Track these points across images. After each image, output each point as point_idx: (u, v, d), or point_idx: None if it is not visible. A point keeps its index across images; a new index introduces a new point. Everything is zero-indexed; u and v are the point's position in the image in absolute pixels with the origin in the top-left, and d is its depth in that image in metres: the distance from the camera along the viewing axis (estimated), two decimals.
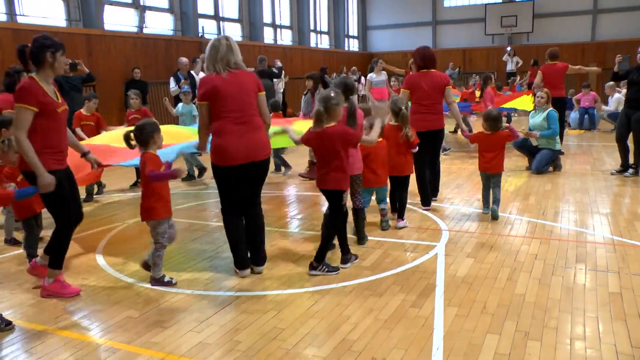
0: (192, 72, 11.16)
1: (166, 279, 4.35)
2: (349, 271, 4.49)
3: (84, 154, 4.57)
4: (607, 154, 9.98)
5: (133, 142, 4.33)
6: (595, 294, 3.92)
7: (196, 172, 8.73)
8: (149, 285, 4.31)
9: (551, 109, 8.44)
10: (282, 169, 8.83)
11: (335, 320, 3.61)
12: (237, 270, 4.50)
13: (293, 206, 7.00)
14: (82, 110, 7.61)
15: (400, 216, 5.75)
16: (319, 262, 4.48)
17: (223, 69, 4.19)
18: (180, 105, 9.04)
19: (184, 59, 11.34)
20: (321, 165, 4.47)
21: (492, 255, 4.80)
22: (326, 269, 4.46)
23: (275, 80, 13.31)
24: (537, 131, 8.32)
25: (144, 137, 4.25)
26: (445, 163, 9.47)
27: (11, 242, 5.51)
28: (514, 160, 9.54)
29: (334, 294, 4.05)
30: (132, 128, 4.45)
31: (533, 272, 4.37)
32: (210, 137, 4.35)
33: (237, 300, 3.98)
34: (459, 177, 8.34)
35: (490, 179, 6.01)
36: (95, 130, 7.44)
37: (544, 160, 8.35)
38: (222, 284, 4.34)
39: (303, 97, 9.14)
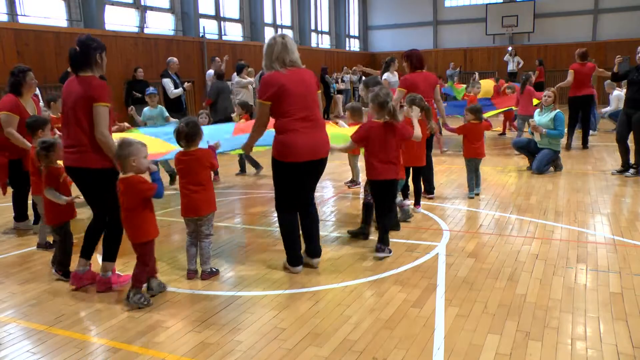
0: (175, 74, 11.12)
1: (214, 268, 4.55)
2: (350, 271, 4.49)
3: None
4: (608, 153, 9.98)
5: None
6: (596, 294, 3.92)
7: (168, 178, 8.26)
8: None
9: (559, 110, 8.40)
10: (246, 170, 8.87)
11: (336, 320, 3.61)
12: (290, 267, 4.54)
13: None
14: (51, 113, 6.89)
15: (418, 203, 6.37)
16: (386, 244, 4.82)
17: (280, 67, 4.26)
18: (146, 109, 8.33)
19: (175, 59, 11.25)
20: (377, 158, 4.76)
21: (493, 255, 4.80)
22: (389, 252, 4.82)
23: None
24: (543, 129, 8.28)
25: (193, 133, 4.29)
26: (447, 163, 9.48)
27: (45, 246, 5.27)
28: (515, 161, 9.54)
29: (335, 294, 4.05)
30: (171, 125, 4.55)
31: (534, 272, 4.37)
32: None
33: (238, 300, 3.98)
34: (460, 177, 8.33)
35: (476, 164, 7.02)
36: None
37: (544, 160, 8.35)
38: (223, 284, 4.34)
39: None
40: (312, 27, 22.15)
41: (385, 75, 10.36)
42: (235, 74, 12.09)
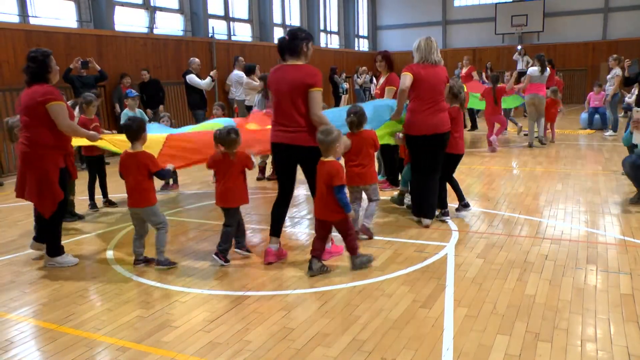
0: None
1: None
2: (359, 271, 4.48)
3: None
4: (618, 153, 9.90)
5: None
6: (606, 295, 3.90)
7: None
8: (159, 284, 4.33)
9: None
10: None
11: (345, 320, 3.61)
12: (415, 217, 5.86)
13: (302, 206, 7.01)
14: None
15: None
16: (445, 207, 5.95)
17: (429, 61, 5.48)
18: (126, 112, 7.78)
19: (196, 59, 11.43)
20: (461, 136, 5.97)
21: (502, 255, 4.78)
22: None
23: None
24: None
25: (360, 120, 5.12)
26: None
27: (166, 262, 4.72)
28: (524, 161, 9.47)
29: (344, 294, 4.05)
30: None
31: (543, 272, 4.35)
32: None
33: (247, 300, 3.99)
34: (468, 177, 8.31)
35: None
36: None
37: None
38: (232, 283, 4.35)
39: (256, 96, 9.05)
40: (321, 27, 22.11)
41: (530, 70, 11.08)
42: (235, 71, 12.15)
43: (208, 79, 11.07)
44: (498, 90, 10.86)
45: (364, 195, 5.44)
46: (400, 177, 6.96)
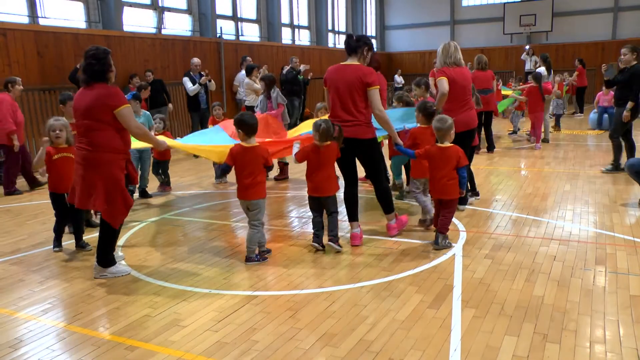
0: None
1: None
2: (367, 271, 4.49)
3: None
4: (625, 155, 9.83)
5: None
6: (615, 296, 3.87)
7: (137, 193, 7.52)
8: (167, 284, 4.35)
9: None
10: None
11: (352, 320, 3.61)
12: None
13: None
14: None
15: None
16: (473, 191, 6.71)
17: (450, 64, 5.90)
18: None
19: (195, 59, 11.54)
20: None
21: (510, 256, 4.76)
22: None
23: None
24: None
25: (431, 112, 5.61)
26: None
27: (256, 258, 4.79)
28: (532, 162, 9.42)
29: (351, 294, 4.05)
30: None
31: (552, 273, 4.33)
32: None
33: (254, 300, 4.00)
34: (476, 177, 8.27)
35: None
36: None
37: None
38: (240, 283, 4.36)
39: (260, 96, 9.07)
40: (330, 28, 22.11)
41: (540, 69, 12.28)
42: (243, 71, 12.17)
43: (196, 86, 11.18)
44: (544, 89, 11.29)
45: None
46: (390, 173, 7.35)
